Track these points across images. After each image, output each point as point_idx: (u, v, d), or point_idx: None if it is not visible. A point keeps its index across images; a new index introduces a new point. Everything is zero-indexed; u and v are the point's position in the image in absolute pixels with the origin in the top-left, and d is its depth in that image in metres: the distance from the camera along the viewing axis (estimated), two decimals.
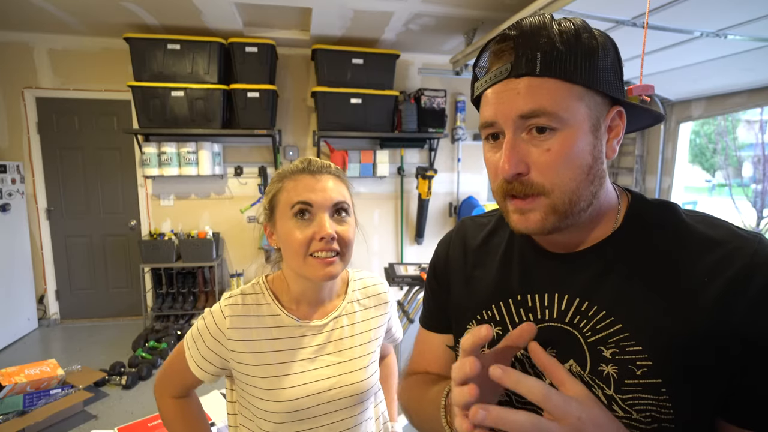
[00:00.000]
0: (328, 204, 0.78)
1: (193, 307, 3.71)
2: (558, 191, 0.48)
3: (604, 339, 0.49)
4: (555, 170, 0.48)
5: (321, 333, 0.84)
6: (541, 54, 0.47)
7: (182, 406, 0.88)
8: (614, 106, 0.51)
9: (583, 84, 0.47)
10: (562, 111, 0.47)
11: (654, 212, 0.54)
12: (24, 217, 3.57)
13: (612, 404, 0.48)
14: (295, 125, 3.93)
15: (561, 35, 0.47)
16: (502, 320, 0.58)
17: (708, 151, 9.42)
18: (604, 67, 0.49)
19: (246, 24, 3.30)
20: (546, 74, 0.47)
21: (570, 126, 0.47)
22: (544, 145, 0.48)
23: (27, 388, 2.35)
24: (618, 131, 0.52)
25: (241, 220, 3.91)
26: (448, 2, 2.78)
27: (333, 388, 0.80)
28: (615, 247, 0.53)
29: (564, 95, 0.47)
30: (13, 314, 3.43)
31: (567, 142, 0.47)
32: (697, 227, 0.50)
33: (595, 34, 0.49)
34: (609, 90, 0.49)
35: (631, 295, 0.49)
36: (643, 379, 0.46)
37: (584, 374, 0.50)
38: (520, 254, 0.60)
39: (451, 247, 0.70)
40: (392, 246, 4.26)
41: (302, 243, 0.76)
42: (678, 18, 1.88)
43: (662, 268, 0.49)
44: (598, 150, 0.50)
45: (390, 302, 0.94)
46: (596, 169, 0.50)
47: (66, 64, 3.54)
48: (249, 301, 0.82)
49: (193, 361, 0.82)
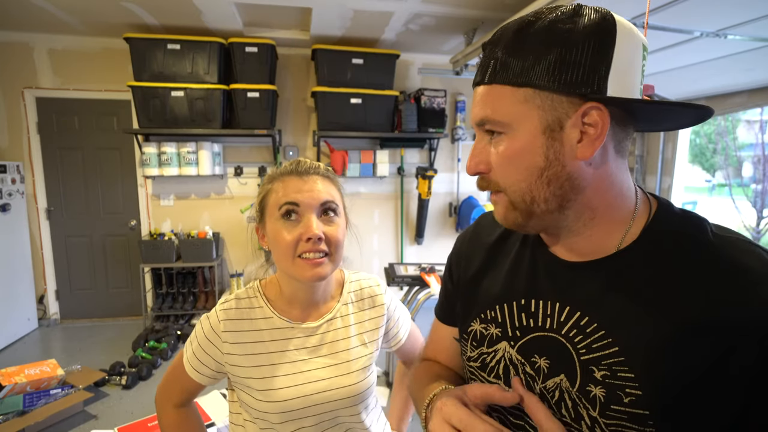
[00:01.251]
0: (315, 204, 0.77)
1: (193, 307, 3.71)
2: (510, 190, 0.51)
3: (597, 359, 0.47)
4: (504, 170, 0.50)
5: (315, 335, 0.84)
6: (494, 62, 0.49)
7: (182, 417, 0.88)
8: (587, 104, 0.46)
9: (531, 86, 0.46)
10: (503, 117, 0.48)
11: (677, 226, 0.49)
12: (24, 217, 3.57)
13: (595, 427, 0.47)
14: (295, 125, 3.93)
15: (516, 37, 0.48)
16: (503, 322, 0.58)
17: (708, 151, 9.42)
18: (575, 62, 0.45)
19: (246, 24, 3.30)
20: (492, 81, 0.49)
21: (514, 129, 0.48)
22: (497, 147, 0.50)
23: (27, 388, 2.35)
24: (595, 131, 0.46)
25: (241, 220, 3.91)
26: (448, 2, 2.78)
27: (327, 390, 0.80)
28: (626, 261, 0.49)
29: (507, 100, 0.48)
30: (13, 314, 3.43)
31: (512, 145, 0.49)
32: (723, 250, 0.45)
33: (577, 27, 0.45)
34: (573, 88, 0.45)
35: (634, 316, 0.46)
36: (630, 407, 0.45)
37: (572, 391, 0.49)
38: (532, 258, 0.59)
39: (467, 243, 0.71)
40: (392, 246, 4.26)
41: (290, 244, 0.76)
42: (678, 18, 1.88)
43: (672, 292, 0.45)
44: (555, 151, 0.47)
45: (386, 304, 0.93)
46: (553, 171, 0.48)
47: (66, 64, 3.54)
48: (243, 305, 0.83)
49: (190, 365, 0.83)
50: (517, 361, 0.55)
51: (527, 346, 0.55)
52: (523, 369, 0.55)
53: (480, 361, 0.60)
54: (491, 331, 0.59)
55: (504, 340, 0.57)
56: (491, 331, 0.59)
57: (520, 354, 0.55)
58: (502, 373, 0.57)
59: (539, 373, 0.53)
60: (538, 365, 0.53)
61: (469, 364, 0.62)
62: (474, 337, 0.61)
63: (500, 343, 0.58)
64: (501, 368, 0.57)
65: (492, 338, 0.59)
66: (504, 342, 0.57)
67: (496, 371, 0.58)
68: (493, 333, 0.59)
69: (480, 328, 0.61)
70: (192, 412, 0.91)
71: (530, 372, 0.54)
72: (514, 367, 0.56)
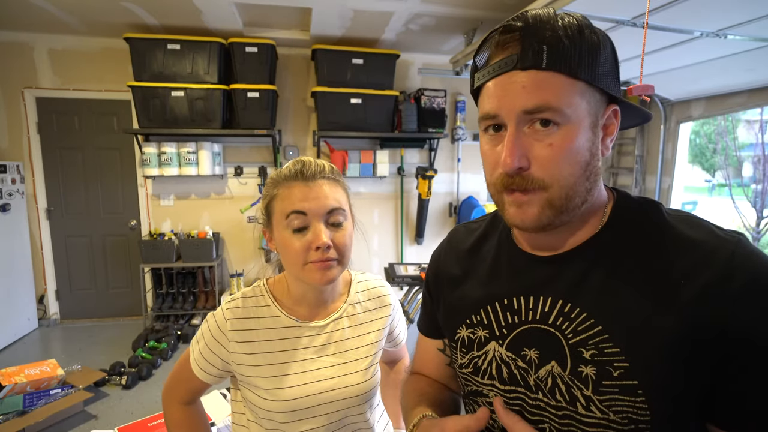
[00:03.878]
0: (322, 212, 0.77)
1: (193, 307, 3.71)
2: (557, 186, 0.49)
3: (584, 341, 0.50)
4: (556, 165, 0.48)
5: (322, 334, 0.84)
6: (548, 47, 0.46)
7: (187, 413, 0.88)
8: (611, 104, 0.51)
9: (585, 80, 0.47)
10: (565, 106, 0.47)
11: (636, 211, 0.53)
12: (24, 217, 3.57)
13: (590, 405, 0.49)
14: (295, 125, 3.93)
15: (566, 29, 0.47)
16: (489, 323, 0.59)
17: (708, 151, 9.42)
18: (604, 64, 0.49)
19: (246, 24, 3.30)
20: (552, 68, 0.46)
21: (572, 122, 0.47)
22: (546, 140, 0.48)
23: (27, 388, 2.35)
24: (612, 130, 0.52)
25: (241, 220, 3.91)
26: (448, 2, 2.78)
27: (334, 389, 0.80)
28: (597, 248, 0.53)
29: (568, 91, 0.47)
30: (13, 314, 3.43)
31: (569, 137, 0.47)
32: (677, 227, 0.50)
33: (595, 31, 0.49)
34: (608, 87, 0.49)
35: (612, 296, 0.49)
36: (619, 380, 0.47)
37: (564, 375, 0.51)
38: (509, 259, 0.60)
39: (442, 255, 0.72)
40: (392, 246, 4.26)
41: (299, 252, 0.76)
42: (678, 18, 1.88)
43: (642, 270, 0.49)
44: (596, 147, 0.50)
45: (392, 305, 0.94)
46: (593, 166, 0.51)
47: (66, 64, 3.53)
48: (249, 303, 0.83)
49: (196, 364, 0.83)
50: (507, 358, 0.56)
51: (515, 342, 0.56)
52: (516, 364, 0.55)
53: (472, 366, 0.61)
54: (479, 334, 0.60)
55: (492, 341, 0.58)
56: (479, 334, 0.60)
57: (509, 350, 0.56)
58: (495, 373, 0.58)
59: (531, 364, 0.54)
60: (529, 357, 0.54)
61: (461, 371, 0.63)
62: (462, 344, 0.62)
63: (489, 344, 0.58)
64: (494, 368, 0.58)
65: (480, 341, 0.60)
66: (493, 342, 0.58)
67: (489, 372, 0.58)
68: (481, 336, 0.59)
69: (467, 333, 0.61)
70: (198, 410, 0.91)
71: (523, 365, 0.55)
72: (506, 365, 0.56)
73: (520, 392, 0.55)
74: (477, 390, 0.61)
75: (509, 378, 0.56)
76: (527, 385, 0.54)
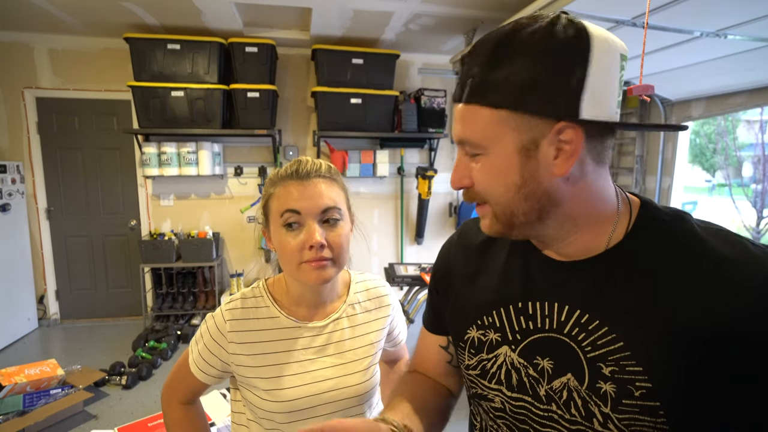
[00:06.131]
0: (316, 211, 0.76)
1: (193, 307, 3.71)
2: (493, 202, 0.52)
3: (603, 356, 0.48)
4: (485, 186, 0.51)
5: (321, 334, 0.84)
6: (471, 80, 0.49)
7: (187, 413, 0.88)
8: (559, 123, 0.46)
9: (506, 107, 0.46)
10: (481, 140, 0.49)
11: (664, 222, 0.51)
12: (24, 217, 3.57)
13: (608, 422, 0.47)
14: (295, 125, 3.93)
15: (493, 54, 0.46)
16: (502, 326, 0.58)
17: (708, 151, 9.41)
18: (549, 83, 0.45)
19: (246, 24, 3.30)
20: (470, 101, 0.49)
21: (491, 151, 0.49)
22: (475, 165, 0.51)
23: (27, 388, 2.35)
24: (573, 148, 0.46)
25: (241, 220, 3.91)
26: (448, 2, 2.78)
27: (333, 389, 0.81)
28: (620, 257, 0.50)
29: (483, 121, 0.48)
30: (13, 314, 3.43)
31: (488, 165, 0.50)
32: (710, 242, 0.47)
33: (552, 45, 0.45)
34: (547, 110, 0.45)
35: (634, 310, 0.47)
36: (641, 400, 0.46)
37: (582, 389, 0.49)
38: (523, 260, 0.59)
39: (452, 251, 0.70)
40: (392, 246, 4.26)
41: (293, 252, 0.76)
42: (678, 18, 1.87)
43: (669, 284, 0.47)
44: (530, 169, 0.48)
45: (392, 305, 0.94)
46: (530, 188, 0.49)
47: (66, 64, 3.54)
48: (248, 304, 0.83)
49: (196, 365, 0.83)
50: (519, 365, 0.55)
51: (529, 349, 0.54)
52: (526, 372, 0.54)
53: (480, 368, 0.60)
54: (490, 337, 0.59)
55: (504, 345, 0.57)
56: (490, 337, 0.59)
57: (522, 357, 0.55)
58: (504, 378, 0.57)
59: (543, 374, 0.53)
60: (541, 367, 0.53)
61: (468, 372, 0.62)
62: (472, 345, 0.61)
63: (501, 348, 0.57)
64: (503, 373, 0.57)
65: (492, 344, 0.58)
66: (505, 346, 0.57)
67: (498, 377, 0.57)
68: (493, 338, 0.58)
69: (478, 334, 0.60)
70: (197, 410, 0.91)
71: (533, 374, 0.54)
72: (516, 371, 0.55)
73: (527, 402, 0.54)
74: (482, 394, 0.60)
75: (518, 385, 0.55)
76: (536, 395, 0.53)
